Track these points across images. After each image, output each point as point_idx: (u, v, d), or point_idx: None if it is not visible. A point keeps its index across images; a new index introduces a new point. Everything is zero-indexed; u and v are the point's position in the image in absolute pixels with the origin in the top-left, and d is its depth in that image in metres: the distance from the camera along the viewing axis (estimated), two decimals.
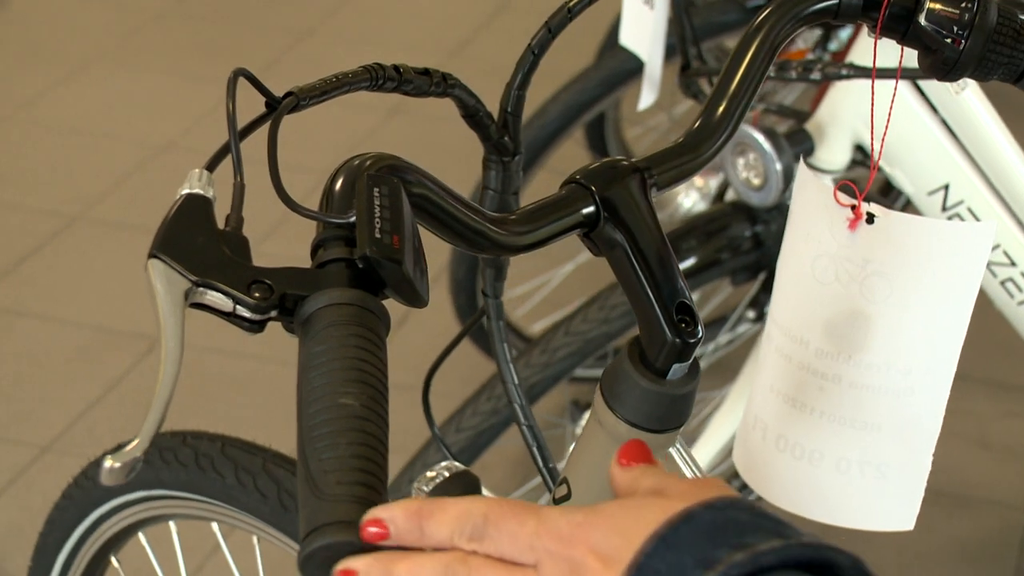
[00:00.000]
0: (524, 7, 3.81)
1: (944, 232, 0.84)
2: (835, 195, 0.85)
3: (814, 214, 0.87)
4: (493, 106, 0.91)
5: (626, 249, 0.81)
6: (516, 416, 1.03)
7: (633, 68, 2.04)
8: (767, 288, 1.68)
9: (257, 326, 0.71)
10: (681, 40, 1.53)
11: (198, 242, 0.70)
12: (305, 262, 0.73)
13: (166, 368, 0.68)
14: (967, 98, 1.52)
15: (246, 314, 0.70)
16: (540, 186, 1.67)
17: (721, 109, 0.89)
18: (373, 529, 0.60)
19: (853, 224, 0.86)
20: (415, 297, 0.71)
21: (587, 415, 1.02)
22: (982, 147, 1.52)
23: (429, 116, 3.24)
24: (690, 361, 0.82)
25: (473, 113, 0.89)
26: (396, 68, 0.82)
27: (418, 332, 2.60)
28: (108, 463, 0.65)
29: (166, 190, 0.67)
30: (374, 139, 3.11)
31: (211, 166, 0.75)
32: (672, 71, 1.65)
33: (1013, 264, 1.53)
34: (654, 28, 1.56)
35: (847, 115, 1.57)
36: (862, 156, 1.62)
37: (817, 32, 2.13)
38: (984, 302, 1.70)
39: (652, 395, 0.81)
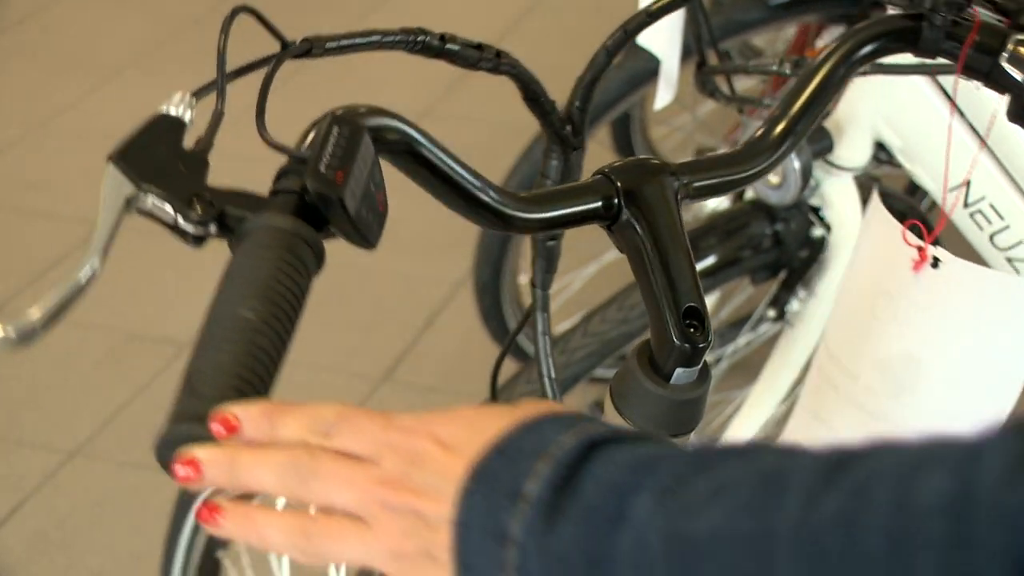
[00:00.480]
0: (555, 6, 3.80)
1: (1011, 285, 0.81)
2: (903, 235, 0.83)
3: (880, 251, 0.85)
4: (526, 114, 0.90)
5: (642, 248, 0.81)
6: None
7: (655, 68, 2.02)
8: (787, 287, 1.66)
9: (196, 241, 0.73)
10: (697, 38, 1.52)
11: (156, 155, 0.74)
12: None
13: (87, 257, 0.72)
14: (988, 94, 1.50)
15: (187, 227, 0.72)
16: None
17: (779, 129, 0.87)
18: (222, 425, 0.61)
19: (917, 266, 0.83)
20: (358, 238, 0.72)
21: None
22: (1003, 143, 1.50)
23: (461, 117, 3.23)
24: (698, 367, 0.81)
25: (534, 96, 0.89)
26: (441, 36, 0.83)
27: (443, 335, 2.60)
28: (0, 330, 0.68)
29: None
30: None
31: (197, 93, 0.77)
32: (693, 70, 1.63)
33: None
34: (670, 27, 1.54)
35: (867, 112, 1.55)
36: (885, 155, 1.60)
37: (840, 29, 2.11)
38: None
39: (658, 399, 0.80)
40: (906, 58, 0.96)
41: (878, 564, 0.46)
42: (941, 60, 0.95)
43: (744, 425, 1.74)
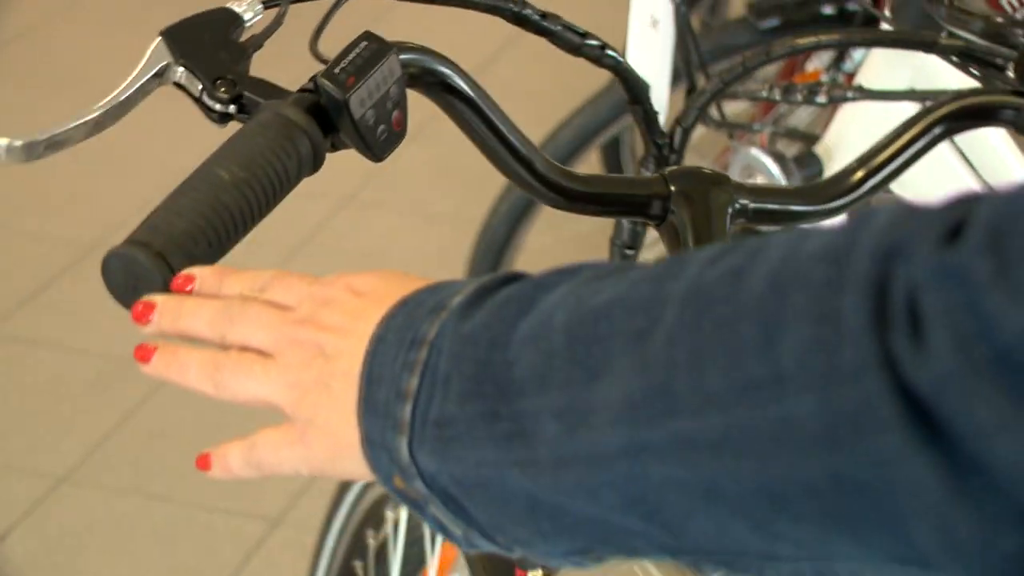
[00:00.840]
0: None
1: None
2: None
3: None
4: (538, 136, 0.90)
5: (679, 251, 0.83)
6: None
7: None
8: None
9: (220, 118, 0.79)
10: (686, 63, 1.52)
11: (202, 38, 0.81)
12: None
13: (103, 103, 0.80)
14: (987, 131, 1.50)
15: (210, 103, 0.79)
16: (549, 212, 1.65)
17: (857, 175, 0.87)
18: (180, 283, 0.68)
19: None
20: (363, 147, 0.76)
21: None
22: (997, 175, 1.50)
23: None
24: None
25: (639, 100, 0.90)
26: (543, 13, 0.86)
27: None
28: (6, 141, 0.77)
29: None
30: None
31: (266, 1, 0.84)
32: (682, 95, 1.63)
33: None
34: (660, 51, 1.54)
35: (857, 138, 1.55)
36: None
37: (831, 53, 2.11)
38: None
39: None
40: (899, 83, 0.95)
41: (754, 306, 0.49)
42: (936, 87, 0.94)
43: None
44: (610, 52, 0.87)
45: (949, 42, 0.90)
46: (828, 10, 2.06)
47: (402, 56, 0.79)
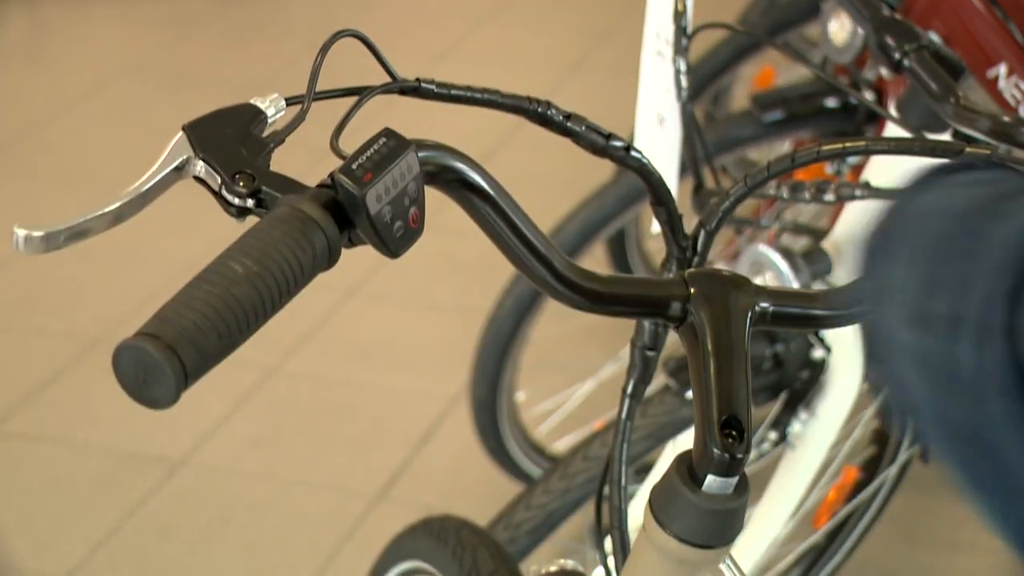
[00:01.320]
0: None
1: None
2: None
3: None
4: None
5: (700, 353, 0.83)
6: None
7: None
8: (788, 408, 1.65)
9: (236, 211, 0.79)
10: (693, 160, 1.52)
11: (224, 132, 0.81)
12: None
13: (123, 195, 0.81)
14: None
15: (228, 197, 0.79)
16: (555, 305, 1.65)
17: None
18: None
19: None
20: (379, 242, 0.76)
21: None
22: None
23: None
24: (735, 478, 0.81)
25: (662, 202, 0.91)
26: (568, 114, 0.87)
27: (439, 452, 2.57)
28: (23, 232, 0.79)
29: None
30: None
31: (289, 98, 0.85)
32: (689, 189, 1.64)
33: None
34: (668, 148, 1.55)
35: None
36: None
37: None
38: None
39: (690, 506, 0.80)
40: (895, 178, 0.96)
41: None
42: None
43: (750, 545, 1.72)
44: (635, 153, 0.87)
45: (975, 150, 0.91)
46: (831, 103, 2.07)
47: (420, 153, 0.79)
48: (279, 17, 4.61)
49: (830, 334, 1.60)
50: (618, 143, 0.87)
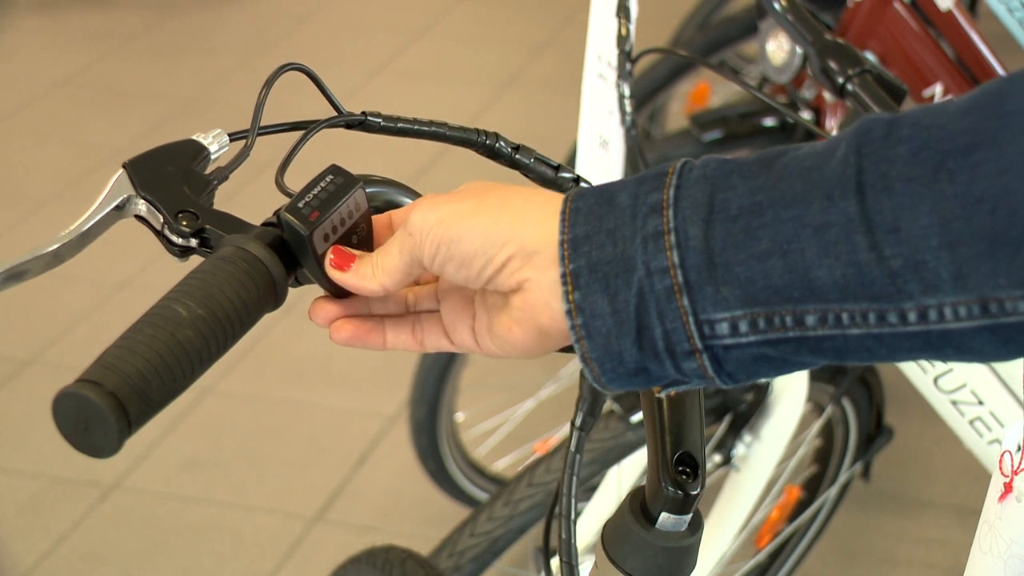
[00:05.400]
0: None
1: None
2: (1000, 461, 0.80)
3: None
4: None
5: (650, 390, 0.81)
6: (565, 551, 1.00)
7: None
8: (733, 431, 1.64)
9: (179, 251, 0.78)
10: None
11: (166, 170, 0.79)
12: None
13: (61, 235, 0.78)
14: None
15: (171, 236, 0.77)
16: None
17: None
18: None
19: (1002, 497, 0.80)
20: (325, 282, 0.75)
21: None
22: None
23: None
24: (688, 516, 0.80)
25: None
26: (516, 146, 0.86)
27: (377, 472, 2.55)
28: None
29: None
30: None
31: (233, 133, 0.83)
32: None
33: (981, 403, 1.51)
34: (610, 171, 1.54)
35: None
36: None
37: None
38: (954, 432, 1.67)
39: (643, 544, 0.79)
40: None
41: None
42: None
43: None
44: (584, 184, 0.86)
45: None
46: (770, 122, 2.08)
47: (369, 189, 0.78)
48: (211, 32, 4.56)
49: None
50: (567, 174, 0.86)
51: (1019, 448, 0.81)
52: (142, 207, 0.79)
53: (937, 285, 0.58)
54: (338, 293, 0.76)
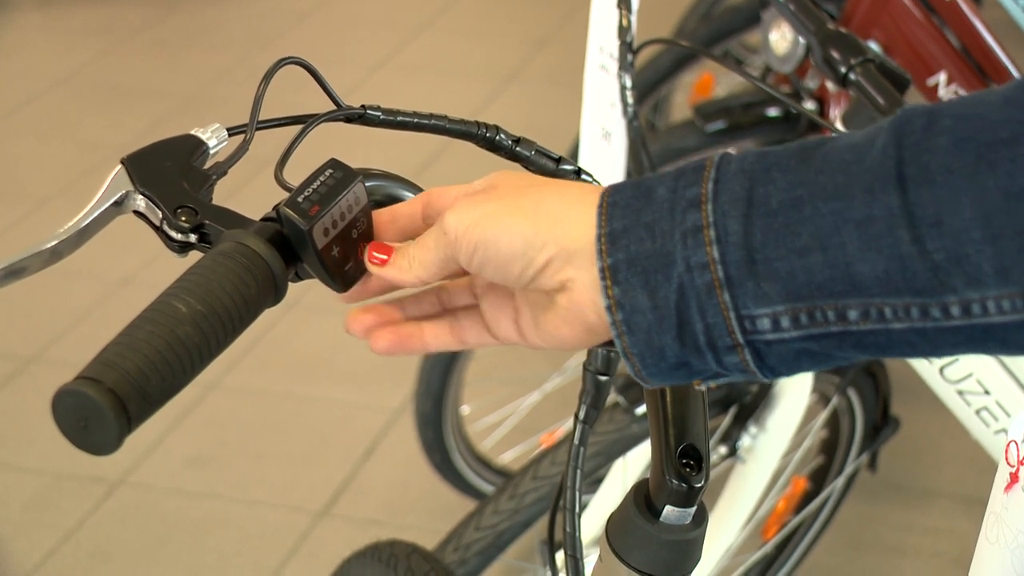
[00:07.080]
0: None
1: None
2: (1006, 451, 0.80)
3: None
4: None
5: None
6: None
7: None
8: (738, 422, 1.64)
9: (180, 248, 0.77)
10: (639, 174, 1.51)
11: (164, 165, 0.79)
12: None
13: (61, 231, 0.77)
14: None
15: (170, 232, 0.77)
16: None
17: None
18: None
19: (1008, 487, 0.80)
20: (326, 276, 0.74)
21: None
22: None
23: None
24: (692, 508, 0.80)
25: None
26: (517, 138, 0.85)
27: (383, 466, 2.55)
28: None
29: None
30: None
31: (231, 128, 0.83)
32: None
33: (987, 393, 1.50)
34: (612, 162, 1.54)
35: None
36: None
37: None
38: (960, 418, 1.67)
39: (647, 537, 0.79)
40: None
41: None
42: None
43: (701, 558, 1.71)
44: (585, 176, 0.86)
45: None
46: (773, 112, 2.07)
47: (368, 183, 0.77)
48: (212, 28, 4.56)
49: None
50: (568, 166, 0.86)
51: None
52: (141, 203, 0.78)
53: (980, 279, 0.57)
54: (340, 287, 0.75)
